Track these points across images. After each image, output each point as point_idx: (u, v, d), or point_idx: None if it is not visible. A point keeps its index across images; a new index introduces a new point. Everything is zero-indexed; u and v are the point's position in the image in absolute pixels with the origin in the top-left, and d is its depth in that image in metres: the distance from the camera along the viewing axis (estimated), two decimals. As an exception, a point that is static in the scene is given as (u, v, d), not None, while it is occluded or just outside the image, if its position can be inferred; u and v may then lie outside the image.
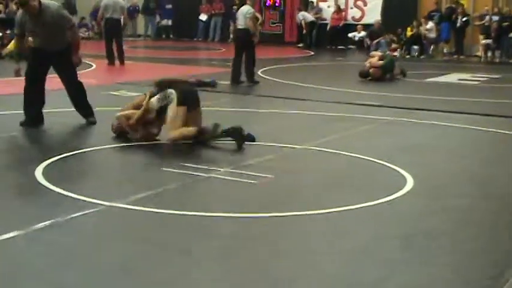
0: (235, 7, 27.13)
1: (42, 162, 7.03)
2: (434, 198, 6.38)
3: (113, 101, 10.94)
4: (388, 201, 6.15)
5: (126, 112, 8.38)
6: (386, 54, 17.24)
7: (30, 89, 9.08)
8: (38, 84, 9.12)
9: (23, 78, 9.16)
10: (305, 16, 26.22)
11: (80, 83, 9.45)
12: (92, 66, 16.67)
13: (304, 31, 26.27)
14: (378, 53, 17.27)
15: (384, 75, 15.93)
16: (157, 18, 28.80)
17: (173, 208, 5.71)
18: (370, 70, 15.90)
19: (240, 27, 14.57)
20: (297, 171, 7.34)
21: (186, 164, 7.11)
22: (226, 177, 6.76)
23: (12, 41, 13.63)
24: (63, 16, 9.04)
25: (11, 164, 7.40)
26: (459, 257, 4.97)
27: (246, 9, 14.48)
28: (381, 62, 16.05)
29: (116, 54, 17.35)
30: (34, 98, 9.07)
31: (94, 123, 9.30)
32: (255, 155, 7.79)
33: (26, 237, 4.96)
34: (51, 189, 6.14)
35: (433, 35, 23.87)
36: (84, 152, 7.79)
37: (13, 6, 27.02)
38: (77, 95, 9.41)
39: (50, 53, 9.01)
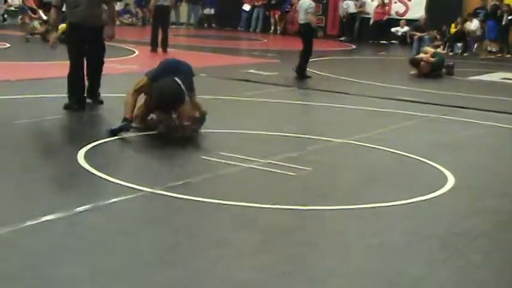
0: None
1: (84, 146, 7.10)
2: (475, 198, 6.31)
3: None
4: (428, 199, 6.10)
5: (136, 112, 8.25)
6: (438, 53, 17.10)
7: (74, 71, 9.21)
8: (79, 66, 9.26)
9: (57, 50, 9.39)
10: (349, 5, 26.08)
11: (103, 63, 9.67)
12: (134, 52, 16.79)
13: (344, 19, 26.21)
14: (431, 50, 17.07)
15: (431, 72, 15.80)
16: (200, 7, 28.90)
17: (211, 197, 5.72)
18: (422, 63, 15.81)
19: (301, 21, 14.36)
20: (336, 165, 7.31)
21: (225, 154, 7.12)
22: (265, 168, 6.75)
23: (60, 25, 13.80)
24: None
25: (54, 147, 7.49)
26: (498, 258, 4.91)
27: (307, 3, 14.21)
28: (433, 59, 15.96)
29: (159, 41, 17.44)
30: (77, 82, 9.20)
31: (102, 102, 9.62)
32: (295, 147, 7.78)
33: (67, 220, 5.02)
34: (92, 173, 6.20)
35: (477, 32, 23.57)
36: (126, 137, 7.84)
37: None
38: (97, 73, 9.61)
39: (88, 28, 9.16)
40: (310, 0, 14.20)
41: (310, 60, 14.47)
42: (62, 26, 14.40)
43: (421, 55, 16.29)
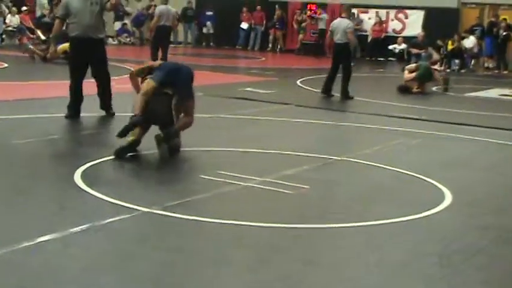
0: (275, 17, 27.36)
1: (81, 165, 7.09)
2: (473, 215, 6.30)
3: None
4: (425, 216, 6.08)
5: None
6: (420, 64, 17.08)
7: (75, 84, 9.62)
8: (81, 78, 9.75)
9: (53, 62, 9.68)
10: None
11: (109, 74, 10.18)
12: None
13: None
14: (411, 66, 17.02)
15: (423, 84, 15.83)
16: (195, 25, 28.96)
17: (209, 216, 5.71)
18: (407, 83, 15.86)
19: (339, 41, 14.18)
20: (333, 182, 7.31)
21: (223, 172, 7.11)
22: (262, 187, 6.74)
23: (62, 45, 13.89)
24: None
25: (51, 167, 7.48)
26: (496, 275, 4.90)
27: (345, 23, 14.17)
28: (413, 74, 15.99)
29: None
30: (78, 94, 9.70)
31: (113, 115, 10.01)
32: (292, 165, 7.77)
33: (63, 240, 5.00)
34: (89, 193, 6.19)
35: (474, 49, 23.65)
36: (124, 157, 7.83)
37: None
38: (107, 85, 10.07)
39: (90, 40, 9.54)
40: (348, 20, 14.20)
41: (307, 77, 14.47)
42: (64, 46, 14.51)
43: (405, 76, 16.27)
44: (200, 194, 6.42)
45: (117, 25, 28.25)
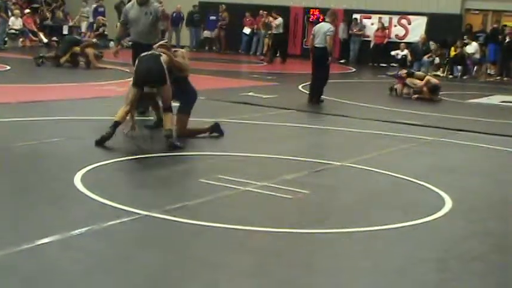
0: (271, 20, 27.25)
1: (81, 169, 7.11)
2: (472, 221, 6.31)
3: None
4: (425, 222, 6.10)
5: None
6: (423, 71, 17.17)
7: None
8: None
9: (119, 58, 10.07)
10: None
11: None
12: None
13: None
14: (420, 74, 16.97)
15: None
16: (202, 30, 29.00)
17: (208, 220, 5.72)
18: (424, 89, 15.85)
19: (318, 45, 14.18)
20: (333, 188, 7.32)
21: (223, 177, 7.13)
22: (262, 191, 6.76)
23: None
24: (158, 10, 11.06)
25: (51, 170, 7.50)
26: (494, 281, 4.91)
27: (326, 27, 14.18)
28: (422, 81, 16.03)
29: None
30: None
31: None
32: (292, 170, 7.78)
33: (62, 243, 5.02)
34: (89, 197, 6.21)
35: (476, 55, 23.67)
36: (123, 160, 7.87)
37: (60, 14, 27.51)
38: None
39: (144, 45, 10.15)
40: (330, 24, 14.21)
41: (299, 82, 14.45)
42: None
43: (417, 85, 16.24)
44: (200, 198, 6.44)
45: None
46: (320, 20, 27.24)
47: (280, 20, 25.06)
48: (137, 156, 8.04)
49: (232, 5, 28.41)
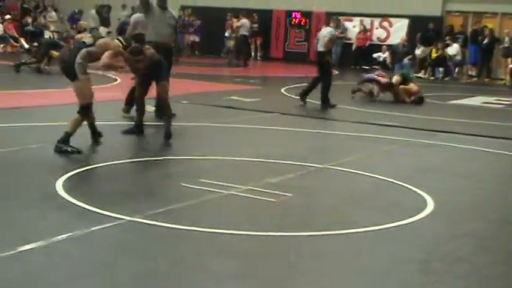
0: (255, 25, 27.30)
1: (63, 175, 7.08)
2: (454, 222, 6.34)
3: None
4: (408, 223, 6.12)
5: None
6: (402, 72, 17.12)
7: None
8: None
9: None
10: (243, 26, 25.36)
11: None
12: (116, 80, 16.80)
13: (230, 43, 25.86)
14: (398, 78, 16.86)
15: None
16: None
17: (191, 224, 5.71)
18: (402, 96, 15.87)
19: (320, 49, 14.23)
20: (316, 190, 7.33)
21: (205, 181, 7.12)
22: (245, 195, 6.76)
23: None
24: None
25: (32, 176, 7.45)
26: (477, 283, 4.93)
27: (327, 30, 14.28)
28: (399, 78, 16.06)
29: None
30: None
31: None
32: (275, 173, 7.79)
33: (45, 249, 4.99)
34: (71, 202, 6.17)
35: (458, 57, 23.81)
36: (105, 165, 7.83)
37: (41, 19, 27.37)
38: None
39: (167, 47, 10.92)
40: (332, 28, 14.25)
41: (293, 86, 14.46)
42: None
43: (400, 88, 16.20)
44: (182, 202, 6.42)
45: (103, 32, 28.17)
46: (302, 23, 27.55)
47: (242, 21, 25.01)
48: (119, 162, 8.01)
49: (215, 9, 28.38)
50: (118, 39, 9.13)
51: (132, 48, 8.85)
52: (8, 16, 26.14)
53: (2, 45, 24.89)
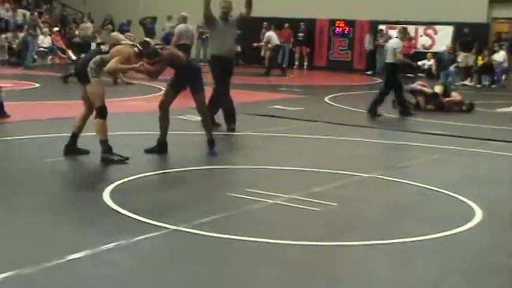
0: (301, 34, 27.35)
1: (110, 184, 7.16)
2: (502, 233, 6.24)
3: (180, 125, 11.06)
4: (455, 233, 6.04)
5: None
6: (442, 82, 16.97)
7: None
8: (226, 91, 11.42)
9: None
10: (271, 38, 25.39)
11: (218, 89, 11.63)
12: (161, 90, 16.95)
13: (263, 53, 25.73)
14: (440, 88, 16.62)
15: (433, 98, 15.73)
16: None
17: (236, 234, 5.72)
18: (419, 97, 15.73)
19: (388, 61, 14.36)
20: (361, 200, 7.28)
21: (251, 190, 7.13)
22: (290, 204, 6.75)
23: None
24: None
25: (80, 185, 7.56)
26: (527, 293, 4.85)
27: (395, 42, 14.38)
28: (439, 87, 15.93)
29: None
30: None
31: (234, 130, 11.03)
32: (320, 182, 7.76)
33: (92, 258, 5.04)
34: (118, 211, 6.24)
35: (504, 63, 23.48)
36: (151, 175, 7.90)
37: (87, 31, 27.74)
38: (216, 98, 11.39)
39: (232, 60, 11.69)
40: (399, 39, 14.30)
41: (335, 94, 14.40)
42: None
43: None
44: (228, 211, 6.44)
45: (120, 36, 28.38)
46: (346, 32, 27.49)
47: (267, 35, 25.21)
48: (164, 171, 8.06)
49: (256, 19, 28.38)
50: (134, 44, 8.89)
51: (147, 51, 8.54)
52: (56, 28, 26.59)
53: (50, 57, 25.33)
